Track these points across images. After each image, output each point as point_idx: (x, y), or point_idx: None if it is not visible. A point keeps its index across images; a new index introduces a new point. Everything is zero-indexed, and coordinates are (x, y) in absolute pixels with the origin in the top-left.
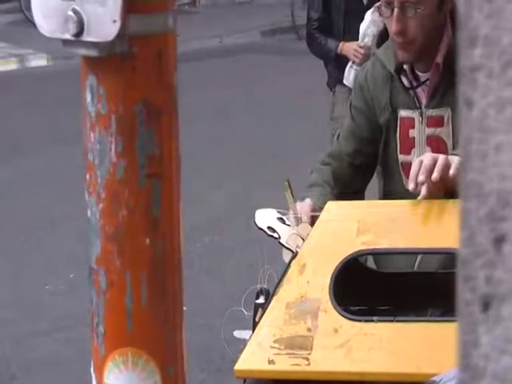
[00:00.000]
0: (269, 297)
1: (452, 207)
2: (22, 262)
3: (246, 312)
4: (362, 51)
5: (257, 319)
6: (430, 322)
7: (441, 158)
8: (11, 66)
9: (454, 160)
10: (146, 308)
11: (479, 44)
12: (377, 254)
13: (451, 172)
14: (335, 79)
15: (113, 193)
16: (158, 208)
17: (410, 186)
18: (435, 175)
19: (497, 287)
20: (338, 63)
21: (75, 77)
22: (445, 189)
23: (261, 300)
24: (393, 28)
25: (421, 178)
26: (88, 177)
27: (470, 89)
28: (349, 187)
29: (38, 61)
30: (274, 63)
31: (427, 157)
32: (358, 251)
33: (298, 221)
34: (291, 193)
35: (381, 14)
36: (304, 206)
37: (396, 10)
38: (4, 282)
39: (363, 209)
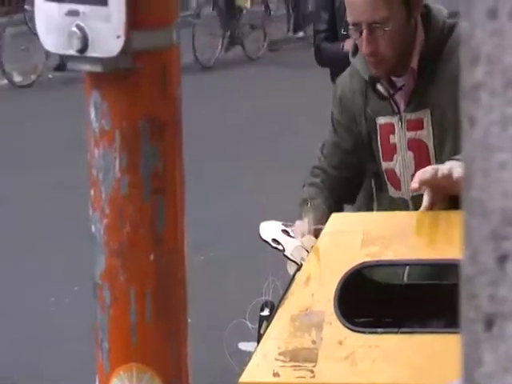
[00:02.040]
0: (273, 309)
1: (457, 218)
2: (26, 272)
3: (250, 324)
4: None
5: (262, 331)
6: (434, 334)
7: (446, 164)
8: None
9: (456, 165)
10: (150, 323)
11: (482, 62)
12: (381, 266)
13: (455, 176)
14: None
15: (117, 208)
16: (162, 223)
17: (413, 185)
18: (441, 171)
19: (500, 305)
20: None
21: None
22: (446, 198)
23: (266, 312)
24: (363, 50)
25: (427, 175)
26: (92, 192)
27: (473, 106)
28: (339, 199)
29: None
30: (280, 74)
31: (429, 166)
32: (362, 263)
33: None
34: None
35: (351, 36)
36: (302, 225)
37: (364, 31)
38: (9, 292)
39: (367, 221)
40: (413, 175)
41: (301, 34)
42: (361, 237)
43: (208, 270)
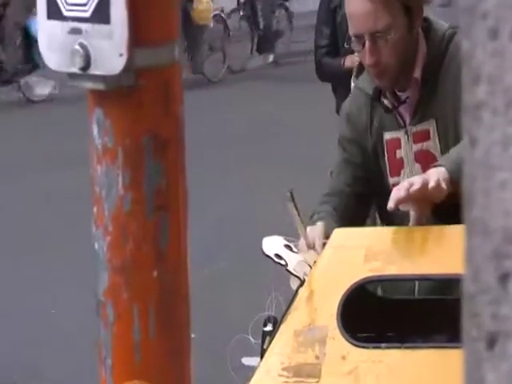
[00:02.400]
0: (277, 324)
1: (460, 233)
2: (28, 284)
3: (253, 340)
4: None
5: (265, 347)
6: (438, 349)
7: (417, 176)
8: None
9: (433, 173)
10: (153, 340)
11: (483, 82)
12: (384, 281)
13: (430, 185)
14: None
15: (120, 225)
16: (166, 240)
17: (390, 204)
18: (412, 189)
19: (502, 324)
20: (346, 89)
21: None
22: (430, 206)
23: (269, 327)
24: (367, 61)
25: (399, 194)
26: (95, 210)
27: (474, 126)
28: (352, 221)
29: (45, 88)
30: (284, 89)
31: (405, 180)
32: (365, 278)
33: (308, 245)
34: (295, 205)
35: (352, 48)
36: (316, 230)
37: (367, 42)
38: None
39: (370, 235)
40: None
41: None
42: (364, 252)
43: (211, 285)
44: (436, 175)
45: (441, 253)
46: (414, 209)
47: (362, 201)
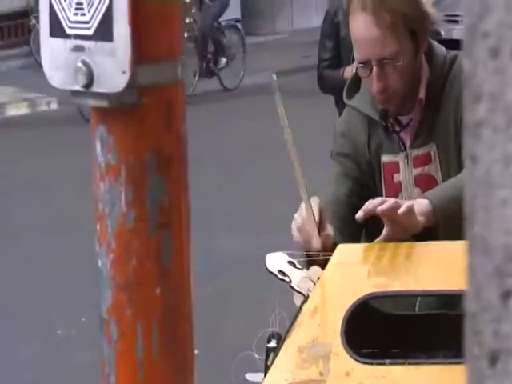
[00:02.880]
0: (280, 341)
1: (463, 248)
2: (33, 304)
3: (257, 356)
4: None
5: (269, 363)
6: (441, 365)
7: (393, 199)
8: (22, 110)
9: (412, 202)
10: (157, 358)
11: (484, 100)
12: (388, 297)
13: (400, 210)
14: None
15: (123, 243)
16: (169, 257)
17: (358, 214)
18: (380, 207)
19: (504, 342)
20: None
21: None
22: (403, 232)
23: (272, 344)
24: (374, 87)
25: (368, 207)
26: (98, 227)
27: (475, 144)
28: (350, 229)
29: (49, 104)
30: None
31: (390, 199)
32: (369, 294)
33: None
34: (279, 96)
35: (358, 75)
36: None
37: (375, 68)
38: (17, 324)
39: (374, 251)
40: None
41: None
42: (367, 268)
43: (214, 302)
44: (412, 203)
45: (444, 268)
46: (385, 229)
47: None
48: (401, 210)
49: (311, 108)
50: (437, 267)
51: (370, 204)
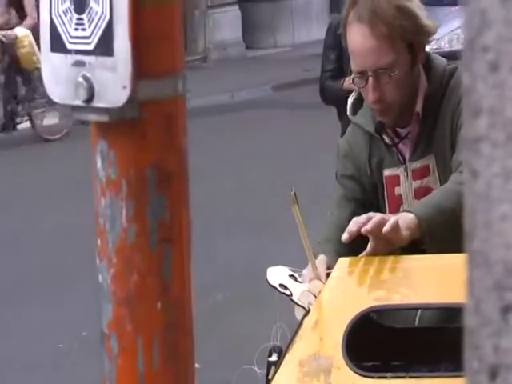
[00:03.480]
0: (281, 354)
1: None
2: (34, 317)
3: (258, 370)
4: None
5: (270, 377)
6: (443, 378)
7: (378, 215)
8: (25, 123)
9: (398, 217)
10: (158, 372)
11: (483, 115)
12: (389, 310)
13: (384, 228)
14: None
15: (124, 257)
16: (169, 272)
17: (343, 237)
18: (364, 228)
19: (504, 356)
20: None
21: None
22: (389, 246)
23: (274, 358)
24: (369, 97)
25: (352, 228)
26: (99, 242)
27: (475, 159)
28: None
29: (50, 119)
30: (286, 118)
31: (376, 215)
32: (370, 307)
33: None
34: (297, 207)
35: (355, 85)
36: (319, 264)
37: (370, 78)
38: (18, 337)
39: (374, 264)
40: None
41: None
42: (368, 281)
43: (216, 315)
44: (397, 219)
45: (444, 281)
46: (370, 243)
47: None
48: (385, 228)
49: (313, 121)
50: (437, 280)
51: (354, 225)
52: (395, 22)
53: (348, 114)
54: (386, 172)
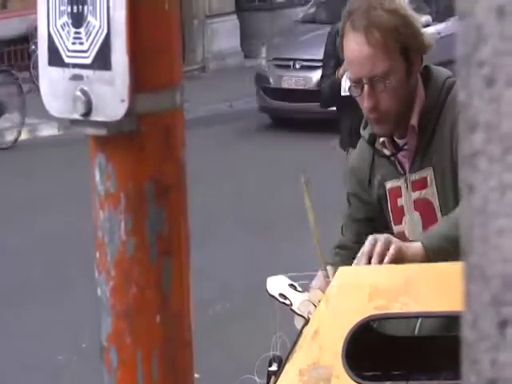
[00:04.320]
0: (281, 364)
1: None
2: (33, 329)
3: (258, 380)
4: None
5: None
6: None
7: (379, 244)
8: (22, 135)
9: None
10: None
11: (480, 129)
12: (389, 319)
13: (385, 261)
14: (348, 140)
15: (123, 271)
16: (169, 285)
17: (362, 262)
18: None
19: (502, 371)
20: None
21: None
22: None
23: (274, 367)
24: (365, 105)
25: (360, 263)
26: (98, 255)
27: (472, 173)
28: None
29: (49, 130)
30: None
31: (381, 240)
32: (370, 316)
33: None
34: (308, 193)
35: (352, 94)
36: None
37: (366, 86)
38: (17, 349)
39: (374, 273)
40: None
41: None
42: (368, 290)
43: (216, 325)
44: (402, 247)
45: (444, 290)
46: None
47: None
48: (386, 261)
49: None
50: (437, 288)
51: (360, 260)
52: (389, 26)
53: (361, 127)
54: (389, 184)
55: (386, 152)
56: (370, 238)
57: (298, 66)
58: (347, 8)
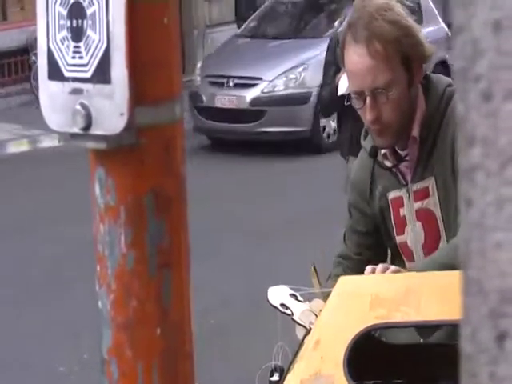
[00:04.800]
0: (283, 374)
1: None
2: (34, 339)
3: None
4: None
5: None
6: None
7: (378, 271)
8: (23, 147)
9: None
10: None
11: (477, 143)
12: (390, 328)
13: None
14: (348, 149)
15: (123, 284)
16: (169, 298)
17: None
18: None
19: None
20: (352, 133)
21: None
22: None
23: (275, 377)
24: (367, 117)
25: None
26: (98, 268)
27: (470, 187)
28: None
29: (50, 141)
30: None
31: (379, 267)
32: (371, 325)
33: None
34: (317, 278)
35: (354, 107)
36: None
37: (368, 98)
38: (17, 360)
39: (375, 282)
40: (423, 245)
41: None
42: (369, 299)
43: (217, 335)
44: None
45: (446, 298)
46: None
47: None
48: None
49: None
50: (438, 298)
51: None
52: (391, 37)
53: (361, 137)
54: (391, 195)
55: (388, 164)
56: (368, 268)
57: (231, 84)
58: (348, 19)
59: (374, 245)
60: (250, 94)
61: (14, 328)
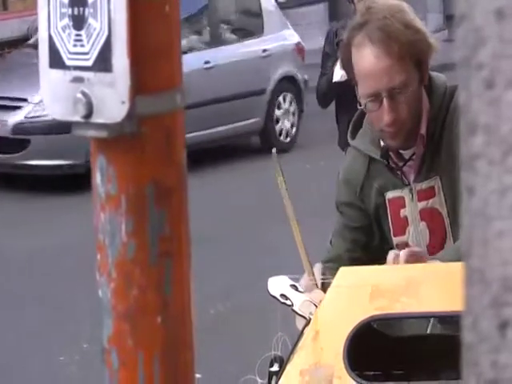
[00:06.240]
0: (283, 364)
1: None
2: (34, 329)
3: (259, 380)
4: None
5: None
6: None
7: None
8: None
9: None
10: None
11: (479, 131)
12: (390, 319)
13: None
14: (345, 141)
15: (124, 272)
16: (170, 287)
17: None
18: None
19: (502, 372)
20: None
21: None
22: None
23: (275, 368)
24: (385, 119)
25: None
26: (99, 257)
27: (471, 176)
28: None
29: None
30: None
31: (403, 255)
32: (371, 316)
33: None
34: (280, 167)
35: (366, 111)
36: (315, 271)
37: (385, 100)
38: (18, 349)
39: (376, 274)
40: (428, 245)
41: None
42: (369, 290)
43: (217, 325)
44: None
45: (447, 290)
46: None
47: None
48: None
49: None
50: (439, 289)
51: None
52: (404, 39)
53: (348, 136)
54: (390, 194)
55: (391, 164)
56: (391, 253)
57: None
58: (357, 20)
59: (366, 243)
60: (12, 119)
61: (15, 317)
